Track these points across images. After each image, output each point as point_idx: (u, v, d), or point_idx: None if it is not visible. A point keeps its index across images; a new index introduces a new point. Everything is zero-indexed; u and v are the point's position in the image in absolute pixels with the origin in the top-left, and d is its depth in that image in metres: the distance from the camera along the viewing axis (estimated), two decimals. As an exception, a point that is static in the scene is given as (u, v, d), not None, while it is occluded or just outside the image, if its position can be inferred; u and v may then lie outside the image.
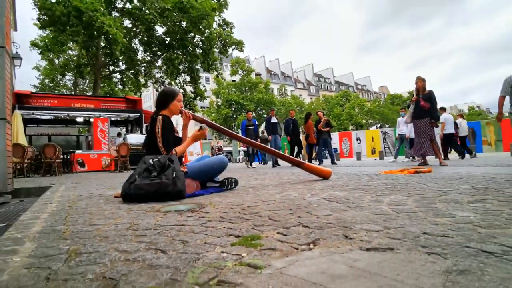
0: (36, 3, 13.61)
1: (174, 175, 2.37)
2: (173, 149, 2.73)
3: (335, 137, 21.76)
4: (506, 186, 2.34)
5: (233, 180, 3.04)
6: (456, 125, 10.65)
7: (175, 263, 0.91)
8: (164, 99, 2.87)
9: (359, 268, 0.81)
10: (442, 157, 6.87)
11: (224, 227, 1.36)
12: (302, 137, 11.68)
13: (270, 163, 11.96)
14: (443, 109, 10.11)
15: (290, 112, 10.65)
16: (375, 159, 14.87)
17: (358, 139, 20.02)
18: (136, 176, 2.41)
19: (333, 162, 9.92)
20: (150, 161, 2.49)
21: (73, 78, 26.06)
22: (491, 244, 0.96)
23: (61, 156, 9.75)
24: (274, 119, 10.18)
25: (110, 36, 12.95)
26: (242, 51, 18.95)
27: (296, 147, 10.51)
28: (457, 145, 10.62)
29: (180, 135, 3.03)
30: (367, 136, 19.72)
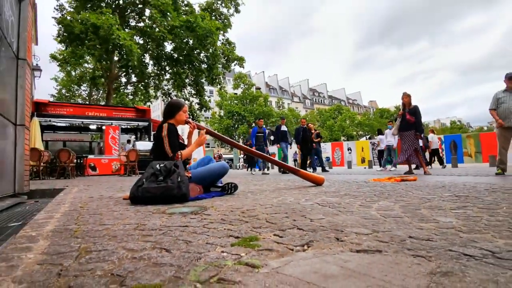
0: (56, 20, 13.74)
1: (179, 179, 2.36)
2: (179, 152, 2.72)
3: (328, 146, 21.80)
4: (485, 194, 2.33)
5: (233, 185, 3.02)
6: (427, 139, 11.15)
7: (179, 262, 0.90)
8: (171, 110, 2.87)
9: (350, 269, 0.80)
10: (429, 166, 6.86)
11: (224, 229, 1.35)
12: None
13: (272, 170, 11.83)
14: None
15: (301, 121, 10.11)
16: (365, 168, 14.88)
17: (349, 149, 20.07)
18: (144, 180, 2.40)
19: (323, 170, 9.92)
20: (157, 166, 2.48)
21: (88, 88, 26.16)
22: (472, 248, 0.96)
23: (75, 160, 9.72)
24: (284, 128, 9.73)
25: (125, 49, 13.01)
26: (243, 67, 19.05)
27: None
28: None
29: (186, 142, 3.03)
30: (357, 147, 19.78)
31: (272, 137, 11.48)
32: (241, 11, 18.78)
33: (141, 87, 18.60)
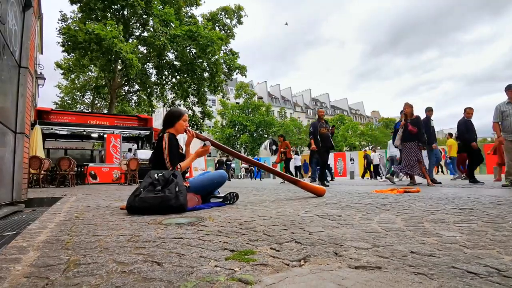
0: (60, 31, 13.97)
1: (177, 189, 2.33)
2: (178, 164, 2.70)
3: (330, 157, 21.70)
4: (490, 207, 2.28)
5: (234, 194, 3.00)
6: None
7: (169, 276, 0.87)
8: (171, 119, 2.86)
9: (347, 287, 0.76)
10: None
11: (220, 241, 1.32)
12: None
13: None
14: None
15: (467, 111, 6.48)
16: (367, 178, 14.75)
17: (351, 159, 20.00)
18: (141, 189, 2.37)
19: (316, 180, 9.32)
20: (155, 175, 2.45)
21: (91, 96, 26.41)
22: (476, 265, 0.92)
23: (75, 169, 9.71)
24: (432, 123, 7.05)
25: (127, 61, 13.20)
26: (245, 75, 19.14)
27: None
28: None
29: (184, 151, 3.00)
30: (360, 157, 19.65)
31: (274, 147, 10.89)
32: (247, 22, 19.15)
33: (144, 97, 18.73)
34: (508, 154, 5.31)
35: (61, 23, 14.78)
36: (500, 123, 5.38)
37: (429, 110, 7.23)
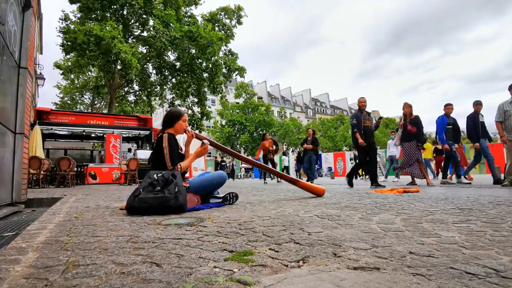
0: (60, 30, 13.96)
1: (176, 190, 2.33)
2: (178, 164, 2.70)
3: (330, 157, 21.75)
4: (489, 207, 2.28)
5: (234, 194, 3.00)
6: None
7: (168, 277, 0.87)
8: (171, 119, 2.86)
9: (346, 288, 0.77)
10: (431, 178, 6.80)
11: (219, 242, 1.32)
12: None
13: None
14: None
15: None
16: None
17: (351, 159, 20.01)
18: (141, 190, 2.38)
19: (310, 179, 8.98)
20: (155, 176, 2.46)
21: (91, 96, 26.41)
22: (475, 265, 0.92)
23: (75, 169, 9.70)
24: (482, 118, 6.30)
25: (125, 62, 13.19)
26: (243, 77, 19.20)
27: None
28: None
29: (183, 151, 3.01)
30: (360, 157, 19.68)
31: (274, 147, 10.61)
32: (247, 22, 19.19)
33: (144, 97, 18.71)
34: (510, 154, 5.26)
35: (62, 22, 14.76)
36: (502, 122, 5.34)
37: (477, 104, 6.28)
